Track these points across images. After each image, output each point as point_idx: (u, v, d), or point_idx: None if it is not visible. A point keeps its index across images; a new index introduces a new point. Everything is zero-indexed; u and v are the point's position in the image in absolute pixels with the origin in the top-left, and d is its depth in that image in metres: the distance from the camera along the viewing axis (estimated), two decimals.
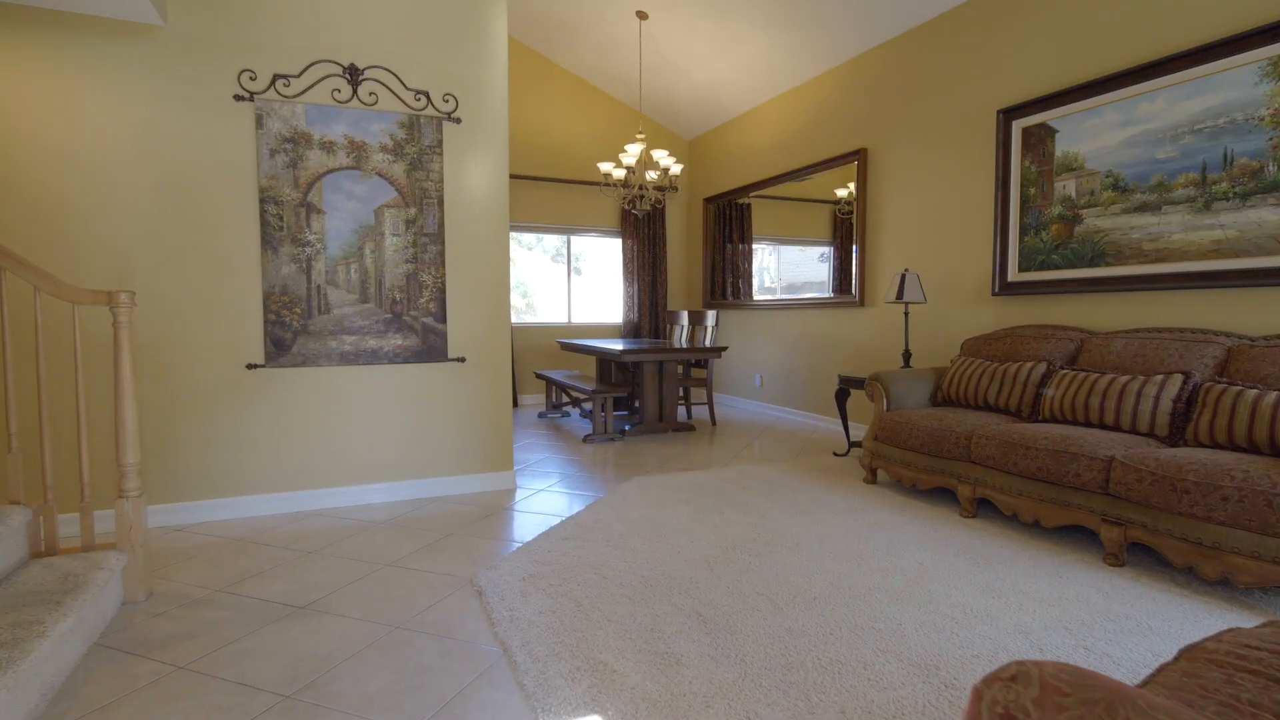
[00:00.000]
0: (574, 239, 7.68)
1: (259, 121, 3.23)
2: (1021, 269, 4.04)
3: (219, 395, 3.24)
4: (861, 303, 5.33)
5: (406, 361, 3.56)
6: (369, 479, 3.55)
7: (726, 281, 7.28)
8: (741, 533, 2.95)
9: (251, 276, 3.27)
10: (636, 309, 7.70)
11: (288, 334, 3.34)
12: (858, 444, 4.63)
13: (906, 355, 4.50)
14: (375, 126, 3.43)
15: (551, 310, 7.70)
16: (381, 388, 3.54)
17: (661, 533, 2.96)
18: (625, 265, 7.66)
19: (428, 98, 3.52)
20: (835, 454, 4.64)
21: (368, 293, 3.49)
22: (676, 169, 5.77)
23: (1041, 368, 3.40)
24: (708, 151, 7.61)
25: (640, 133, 5.84)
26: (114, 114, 3.03)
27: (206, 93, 3.15)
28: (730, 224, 7.20)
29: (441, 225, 3.59)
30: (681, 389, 6.06)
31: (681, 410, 6.65)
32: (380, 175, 3.46)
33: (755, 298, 6.84)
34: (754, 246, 6.87)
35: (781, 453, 4.77)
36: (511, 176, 7.01)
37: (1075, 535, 2.93)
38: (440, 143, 3.56)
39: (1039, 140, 3.90)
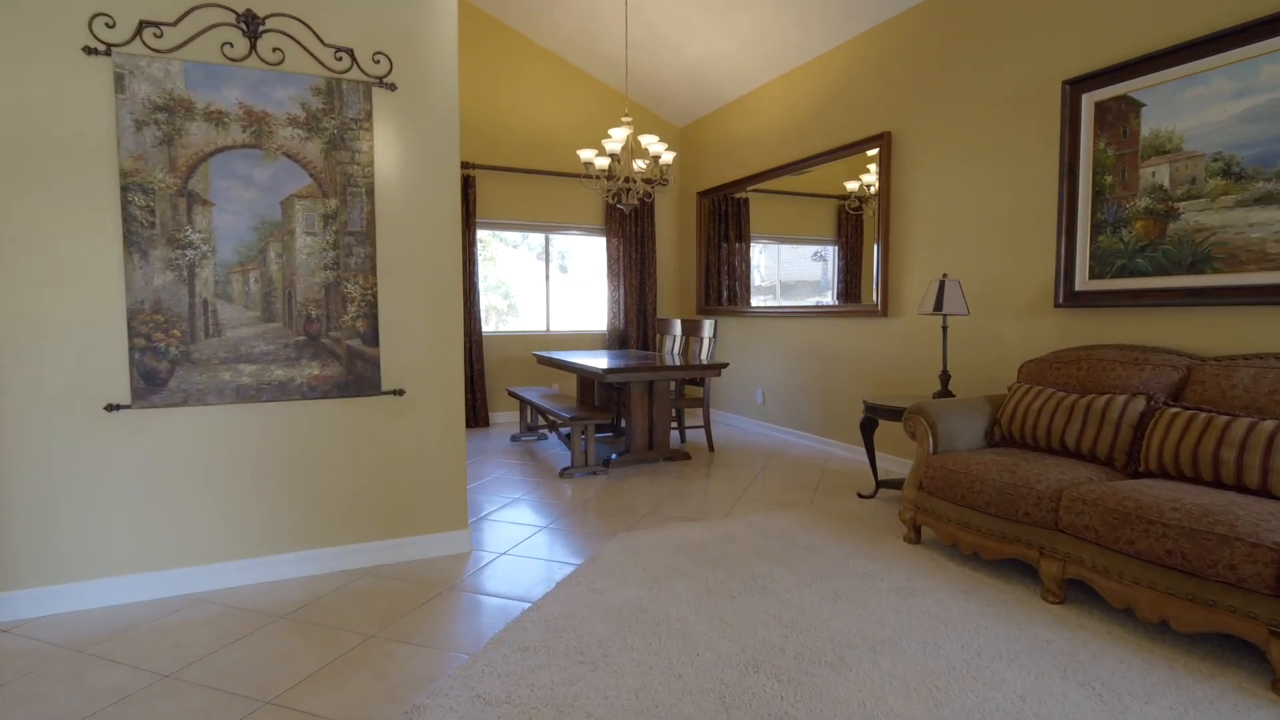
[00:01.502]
0: (554, 237, 6.90)
1: (119, 83, 2.42)
2: (1094, 275, 3.31)
3: (66, 448, 2.44)
4: (884, 312, 4.59)
5: (326, 396, 2.77)
6: (280, 547, 2.76)
7: (723, 285, 6.53)
8: (763, 636, 2.19)
9: (109, 289, 2.47)
10: (623, 316, 6.93)
11: (163, 364, 2.54)
12: (888, 484, 3.88)
13: (944, 378, 3.77)
14: (281, 93, 2.64)
15: (531, 316, 6.91)
16: (294, 430, 2.75)
17: (655, 635, 2.20)
18: (610, 267, 6.89)
19: (351, 57, 2.73)
20: (861, 495, 3.90)
21: (273, 309, 2.69)
22: (668, 156, 5.00)
23: (1140, 403, 2.66)
24: (702, 140, 6.85)
25: (626, 115, 5.07)
26: None
27: (44, 43, 2.34)
28: (726, 221, 6.44)
29: (371, 221, 2.80)
30: (675, 410, 5.30)
31: (674, 433, 5.89)
32: (288, 156, 2.67)
33: (754, 303, 6.09)
34: (752, 246, 6.13)
35: (794, 490, 4.02)
36: (481, 167, 6.21)
37: (1228, 647, 2.19)
38: (369, 115, 2.77)
39: (1118, 116, 3.17)
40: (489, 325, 6.75)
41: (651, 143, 4.86)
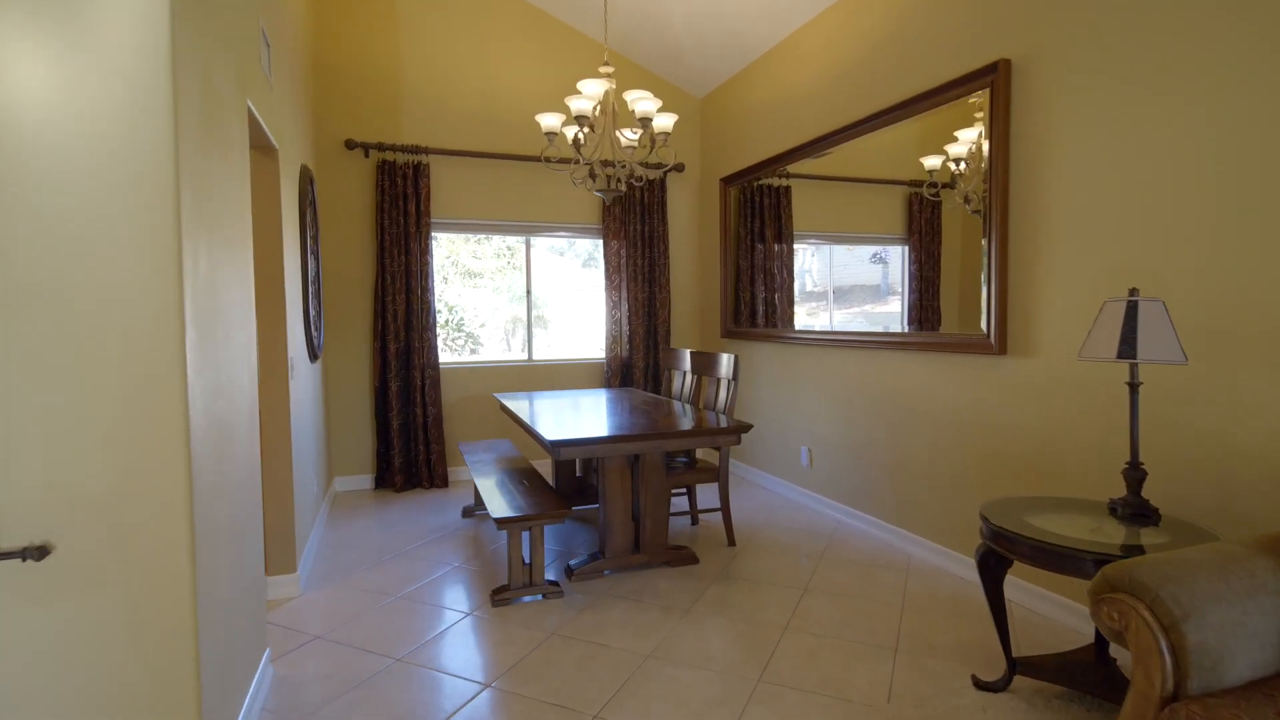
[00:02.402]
0: (537, 240, 5.41)
1: None
2: None
3: None
4: (1000, 348, 2.89)
5: None
6: None
7: (756, 299, 4.90)
8: None
9: None
10: (627, 340, 5.38)
11: None
12: (1025, 666, 2.19)
13: (1135, 478, 2.09)
14: None
15: (570, 338, 5.43)
16: None
17: None
18: (609, 278, 5.35)
19: None
20: (980, 683, 2.23)
21: None
22: (664, 121, 3.43)
23: None
24: (727, 112, 5.25)
25: (605, 63, 3.54)
26: None
27: None
28: (762, 215, 4.82)
29: None
30: (679, 479, 3.69)
31: (684, 510, 4.30)
32: None
33: (800, 322, 4.44)
34: (795, 248, 4.48)
35: (855, 646, 2.39)
36: (436, 152, 4.78)
37: None
38: None
39: None
40: (455, 355, 5.32)
41: (640, 101, 3.30)
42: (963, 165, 3.13)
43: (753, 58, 4.85)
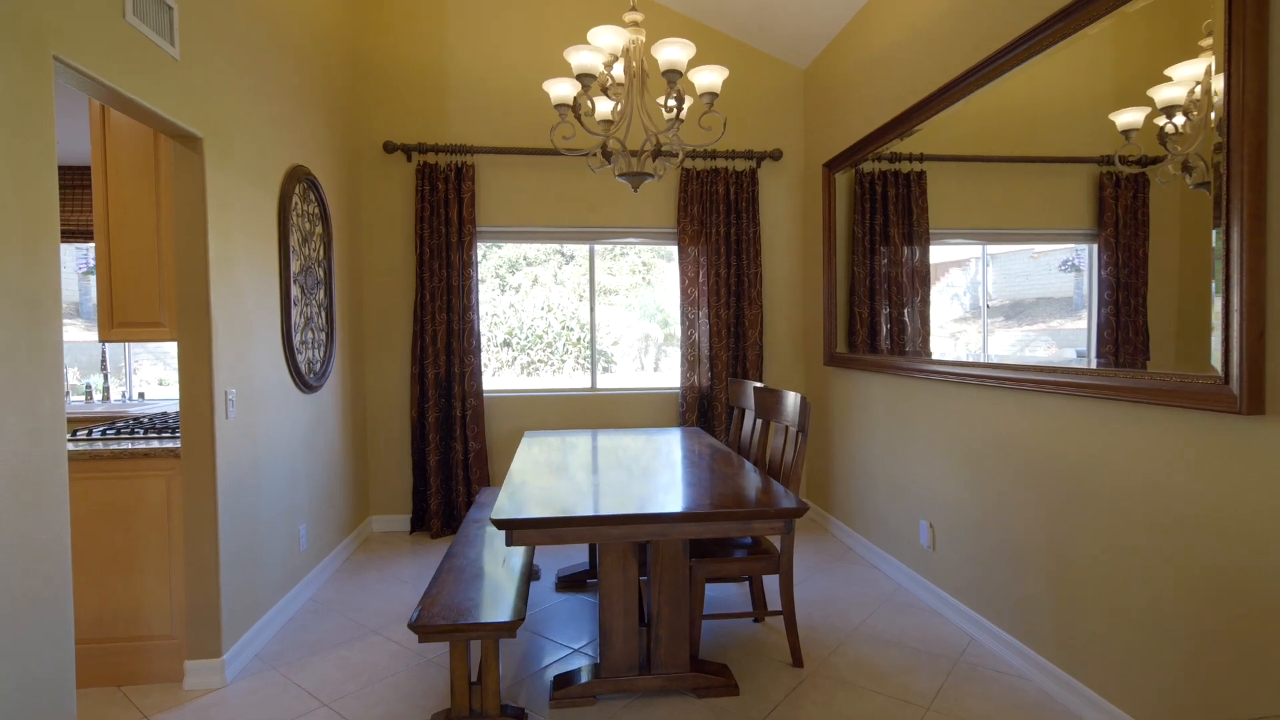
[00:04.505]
0: (601, 249, 4.66)
1: None
2: None
3: None
4: (1253, 403, 1.61)
5: None
6: None
7: (878, 317, 3.73)
8: None
9: None
10: (707, 367, 4.43)
11: None
12: None
13: None
14: None
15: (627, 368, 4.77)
16: None
17: None
18: (685, 291, 4.44)
19: None
20: None
21: None
22: (711, 79, 2.50)
23: None
24: (832, 80, 4.16)
25: (632, 8, 2.69)
26: None
27: None
28: (885, 210, 3.66)
29: None
30: (720, 569, 2.66)
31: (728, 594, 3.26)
32: None
33: (935, 353, 3.21)
34: (931, 251, 3.27)
35: None
36: (482, 151, 4.20)
37: None
38: None
39: None
40: (506, 377, 4.69)
41: (667, 48, 2.41)
42: (1180, 119, 1.88)
43: (845, 20, 3.75)
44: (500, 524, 1.94)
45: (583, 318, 4.71)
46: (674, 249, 4.60)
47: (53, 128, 1.65)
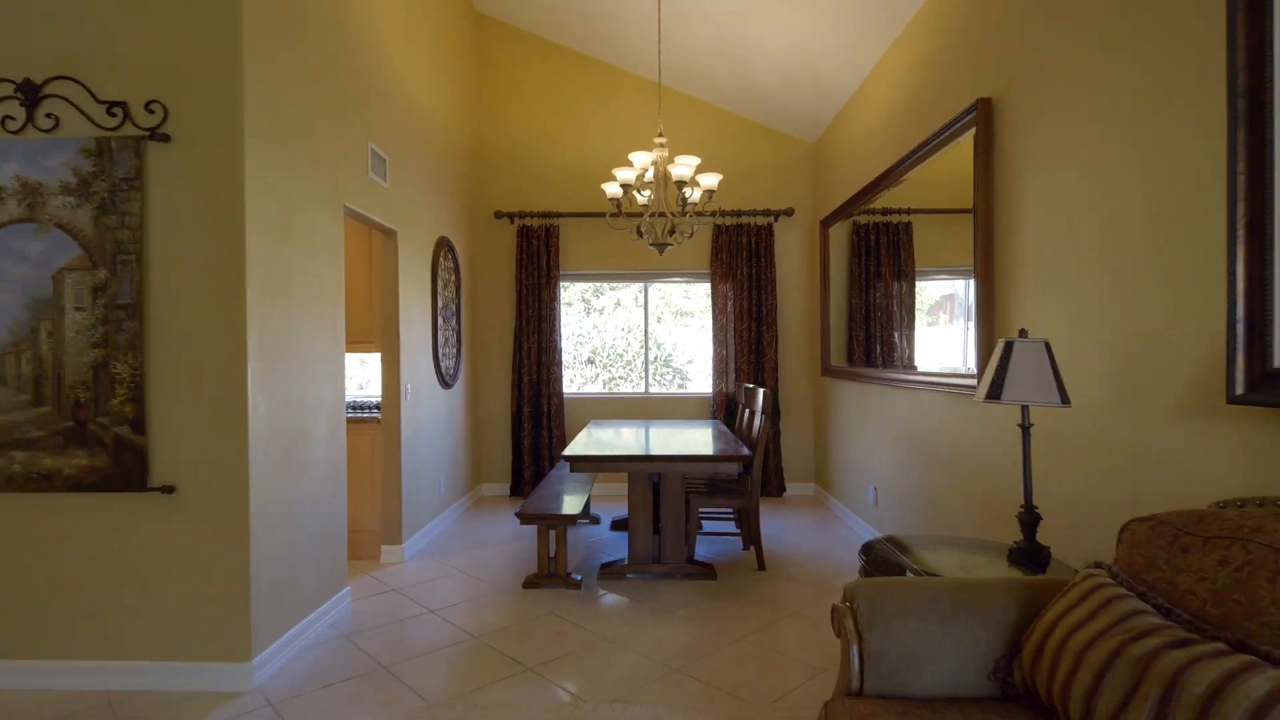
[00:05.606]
0: (654, 287, 6.07)
1: None
2: None
3: None
4: (985, 396, 2.79)
5: (93, 489, 2.44)
6: (52, 651, 2.47)
7: (874, 339, 4.91)
8: None
9: None
10: (732, 376, 5.73)
11: None
12: None
13: (1028, 521, 2.07)
14: (55, 159, 2.44)
15: (698, 375, 6.14)
16: (57, 527, 2.46)
17: None
18: (716, 319, 5.77)
19: (125, 111, 2.43)
20: None
21: (43, 392, 2.47)
22: (710, 181, 3.89)
23: None
24: (829, 155, 5.41)
25: (660, 136, 4.09)
26: None
27: None
28: (877, 253, 4.84)
29: (141, 292, 2.42)
30: (709, 500, 3.97)
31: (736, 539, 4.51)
32: (60, 226, 2.45)
33: (919, 364, 4.23)
34: (918, 285, 4.39)
35: (797, 659, 2.55)
36: (565, 215, 5.72)
37: None
38: (139, 173, 2.42)
39: None
40: (587, 386, 6.16)
41: (684, 168, 3.79)
42: None
43: (842, 103, 5.01)
44: (568, 458, 3.36)
45: (660, 338, 6.11)
46: (707, 285, 5.95)
47: (342, 239, 3.24)
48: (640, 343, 6.14)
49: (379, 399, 4.50)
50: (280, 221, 2.68)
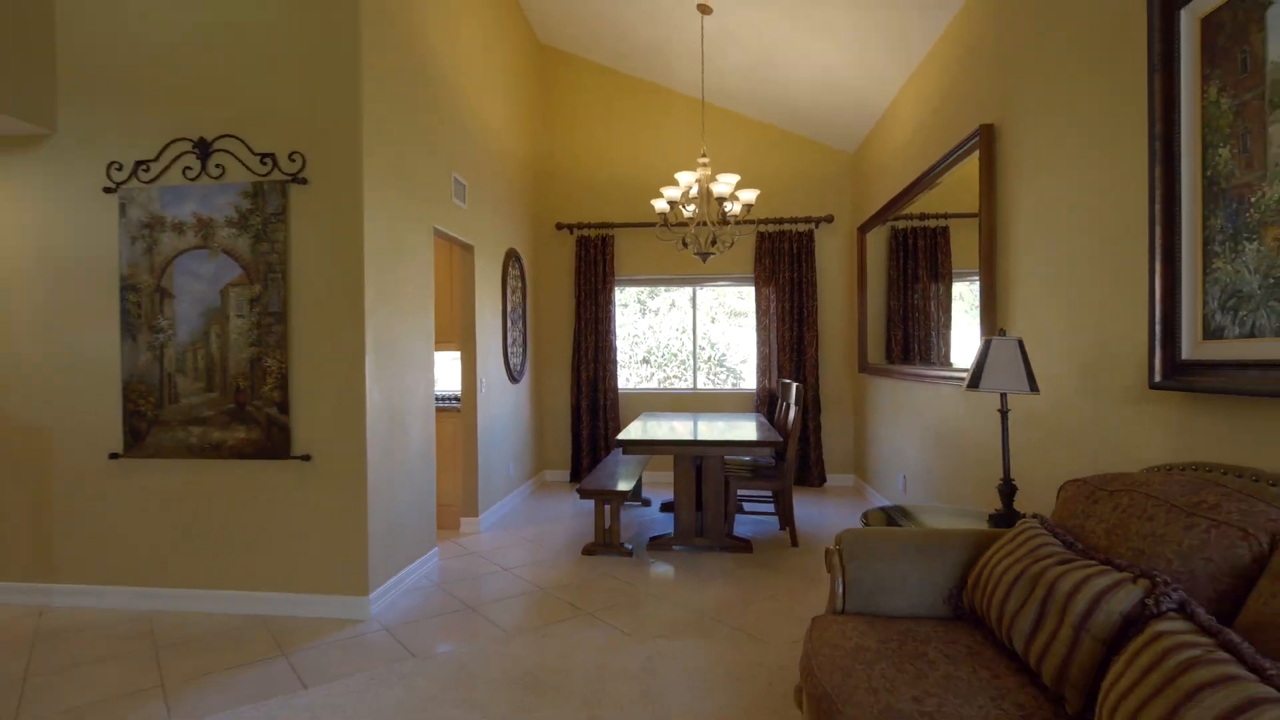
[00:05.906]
0: (708, 289, 6.53)
1: (122, 210, 3.18)
2: (1209, 334, 1.80)
3: (84, 482, 3.23)
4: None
5: (250, 457, 3.11)
6: (218, 582, 3.16)
7: (911, 338, 5.26)
8: None
9: (113, 366, 3.21)
10: (774, 374, 6.14)
11: (143, 424, 3.18)
12: None
13: (1006, 491, 2.45)
14: (221, 199, 3.13)
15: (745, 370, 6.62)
16: (223, 485, 3.15)
17: None
18: (759, 319, 6.20)
19: (273, 161, 3.09)
20: None
21: (213, 380, 3.15)
22: (749, 196, 4.34)
23: (1129, 596, 1.34)
24: (866, 166, 5.76)
25: (703, 155, 4.56)
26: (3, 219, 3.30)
27: (82, 189, 3.22)
28: (915, 256, 5.18)
29: (285, 302, 3.08)
30: (747, 484, 4.42)
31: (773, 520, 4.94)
32: (226, 252, 3.13)
33: (955, 361, 4.56)
34: (955, 287, 4.72)
35: (811, 609, 3.00)
36: (619, 226, 6.26)
37: None
38: (284, 209, 3.08)
39: (1234, 36, 1.71)
40: (642, 382, 6.68)
41: (724, 185, 4.28)
42: None
43: (875, 119, 5.36)
44: (621, 442, 3.89)
45: (714, 338, 6.60)
46: (752, 289, 6.38)
47: (433, 256, 3.85)
48: (691, 342, 6.62)
49: (458, 392, 5.13)
50: (388, 245, 3.30)
